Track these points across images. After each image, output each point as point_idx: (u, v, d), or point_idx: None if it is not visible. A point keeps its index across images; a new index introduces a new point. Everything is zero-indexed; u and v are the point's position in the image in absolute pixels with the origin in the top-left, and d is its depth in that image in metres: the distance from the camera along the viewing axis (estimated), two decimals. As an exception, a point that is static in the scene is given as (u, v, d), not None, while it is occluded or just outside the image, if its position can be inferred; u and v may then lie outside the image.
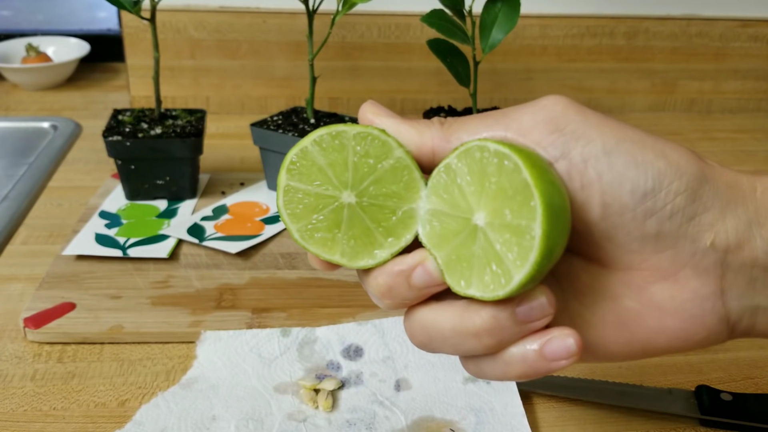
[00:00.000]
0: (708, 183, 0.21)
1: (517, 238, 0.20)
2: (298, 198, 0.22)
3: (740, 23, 0.78)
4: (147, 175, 0.55)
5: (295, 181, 0.22)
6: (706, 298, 0.21)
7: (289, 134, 0.55)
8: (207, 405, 0.36)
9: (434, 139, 0.23)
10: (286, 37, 0.73)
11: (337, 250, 0.22)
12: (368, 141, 0.22)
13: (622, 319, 0.22)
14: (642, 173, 0.21)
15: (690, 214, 0.21)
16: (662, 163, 0.21)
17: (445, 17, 0.52)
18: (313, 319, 0.43)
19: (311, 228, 0.22)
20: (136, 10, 0.51)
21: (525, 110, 0.22)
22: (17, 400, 0.37)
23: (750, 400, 0.36)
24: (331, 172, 0.22)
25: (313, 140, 0.22)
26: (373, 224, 0.22)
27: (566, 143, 0.21)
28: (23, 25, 0.90)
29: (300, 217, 0.22)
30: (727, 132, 0.78)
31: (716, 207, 0.21)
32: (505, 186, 0.20)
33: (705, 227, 0.21)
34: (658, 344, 0.22)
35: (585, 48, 0.77)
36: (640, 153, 0.21)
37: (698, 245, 0.21)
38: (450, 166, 0.22)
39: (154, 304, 0.44)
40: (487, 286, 0.20)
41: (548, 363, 0.21)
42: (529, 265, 0.20)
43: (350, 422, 0.35)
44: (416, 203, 0.22)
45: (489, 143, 0.21)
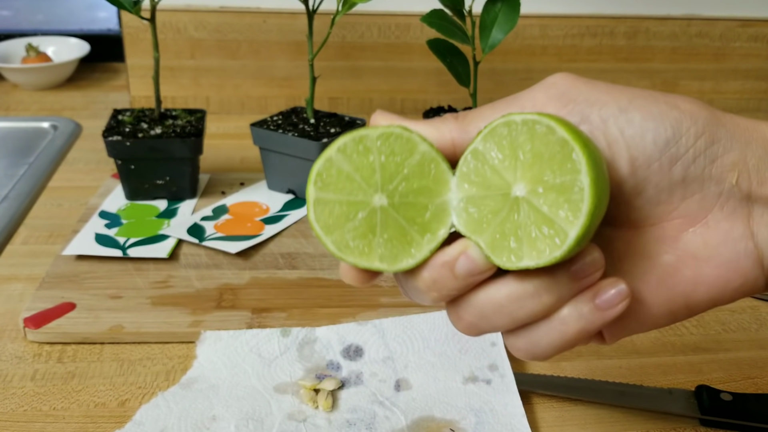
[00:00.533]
0: (723, 126, 0.22)
1: (565, 195, 0.20)
2: (329, 209, 0.22)
3: (740, 23, 0.78)
4: (147, 175, 0.55)
5: (324, 192, 0.22)
6: (738, 240, 0.22)
7: (289, 134, 0.55)
8: (207, 405, 0.36)
9: (452, 132, 0.23)
10: (286, 37, 0.73)
11: (376, 256, 0.22)
12: (392, 140, 0.22)
13: (661, 275, 0.23)
14: (660, 123, 0.22)
15: (712, 156, 0.22)
16: (676, 112, 0.22)
17: (445, 17, 0.52)
18: (313, 319, 0.43)
19: (346, 238, 0.22)
20: (136, 10, 0.51)
21: (535, 90, 0.23)
22: (17, 400, 0.37)
23: (750, 400, 0.36)
24: (359, 177, 0.22)
25: (336, 149, 0.22)
26: (407, 223, 0.22)
27: (582, 110, 0.22)
28: (23, 25, 0.90)
29: (333, 228, 0.22)
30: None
31: (736, 148, 0.22)
32: (541, 150, 0.20)
33: (728, 167, 0.22)
34: (699, 297, 0.23)
35: (585, 48, 0.77)
36: (654, 106, 0.22)
37: (723, 185, 0.22)
38: (477, 150, 0.22)
39: (154, 304, 0.44)
40: (542, 252, 0.20)
41: (603, 312, 0.21)
42: (583, 217, 0.20)
43: (350, 422, 0.35)
44: (447, 195, 0.22)
45: (514, 116, 0.21)
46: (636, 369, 0.40)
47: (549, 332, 0.22)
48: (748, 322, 0.45)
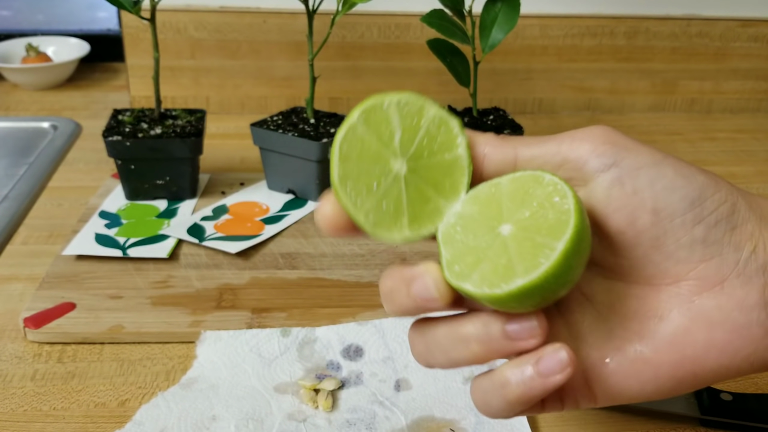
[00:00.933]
0: (743, 198, 0.23)
1: (534, 251, 0.21)
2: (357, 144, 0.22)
3: (740, 23, 0.78)
4: (147, 175, 0.55)
5: (365, 126, 0.22)
6: (752, 308, 0.22)
7: (289, 134, 0.55)
8: (207, 405, 0.36)
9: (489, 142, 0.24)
10: (286, 37, 0.73)
11: (363, 211, 0.22)
12: (443, 128, 0.23)
13: (672, 337, 0.23)
14: (689, 183, 0.22)
15: (732, 224, 0.23)
16: (704, 177, 0.23)
17: (445, 17, 0.52)
18: (313, 319, 0.43)
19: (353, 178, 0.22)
20: (136, 10, 0.51)
21: (576, 133, 0.24)
22: (17, 400, 0.37)
23: (750, 399, 0.36)
24: (399, 137, 0.23)
25: (398, 98, 0.23)
26: (407, 203, 0.23)
27: (618, 153, 0.23)
28: (23, 25, 0.90)
29: (348, 162, 0.22)
30: (727, 132, 0.78)
31: (753, 219, 0.23)
32: (546, 209, 0.21)
33: (746, 236, 0.23)
34: (708, 363, 0.23)
35: (585, 48, 0.77)
36: (685, 167, 0.23)
37: (741, 253, 0.22)
38: (499, 184, 0.23)
39: (154, 304, 0.44)
40: (483, 283, 0.21)
41: (545, 379, 0.22)
42: (537, 274, 0.20)
43: (350, 422, 0.35)
44: (452, 203, 0.23)
45: (546, 174, 0.22)
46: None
47: (494, 391, 0.23)
48: (748, 322, 0.45)
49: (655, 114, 0.82)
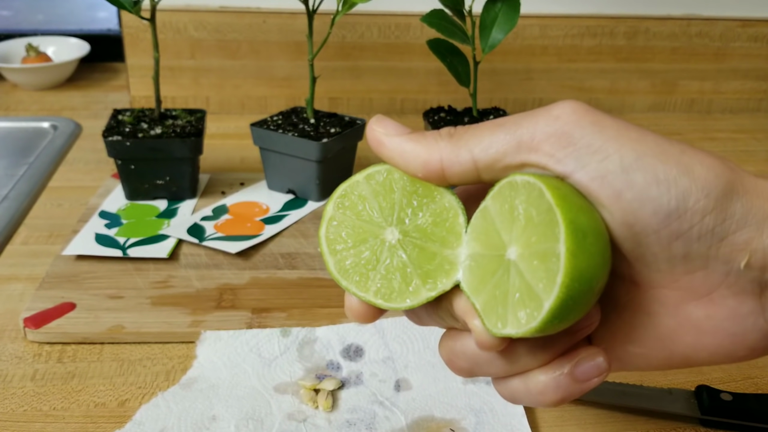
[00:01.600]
0: (741, 198, 0.19)
1: (544, 264, 0.19)
2: (341, 230, 0.22)
3: (740, 23, 0.78)
4: (147, 175, 0.55)
5: (342, 213, 0.22)
6: (746, 316, 0.20)
7: (289, 134, 0.55)
8: (207, 405, 0.36)
9: (443, 153, 0.22)
10: (286, 37, 0.73)
11: (372, 290, 0.22)
12: (418, 182, 0.22)
13: (660, 336, 0.22)
14: (665, 192, 0.19)
15: (721, 235, 0.19)
16: (686, 181, 0.19)
17: (445, 17, 0.52)
18: (313, 319, 0.43)
19: (350, 262, 0.22)
20: (136, 10, 0.51)
21: (537, 120, 0.20)
22: (17, 400, 0.37)
23: (750, 400, 0.36)
24: (378, 208, 0.22)
25: (366, 176, 0.23)
26: (412, 266, 0.22)
27: (581, 158, 0.19)
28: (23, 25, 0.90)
29: (339, 250, 0.22)
30: (727, 132, 0.78)
31: (752, 224, 0.19)
32: (532, 214, 0.20)
33: (739, 247, 0.19)
34: (700, 359, 0.22)
35: (585, 48, 0.77)
36: (663, 169, 0.19)
37: (731, 266, 0.20)
38: (486, 209, 0.22)
39: (154, 304, 0.44)
40: (521, 321, 0.20)
41: (581, 384, 0.21)
42: (557, 289, 0.18)
43: (350, 422, 0.35)
44: (458, 249, 0.22)
45: (517, 176, 0.21)
46: (636, 369, 0.40)
47: (529, 396, 0.22)
48: (748, 322, 0.45)
49: (655, 114, 0.82)
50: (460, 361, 0.23)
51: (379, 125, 0.23)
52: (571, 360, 0.21)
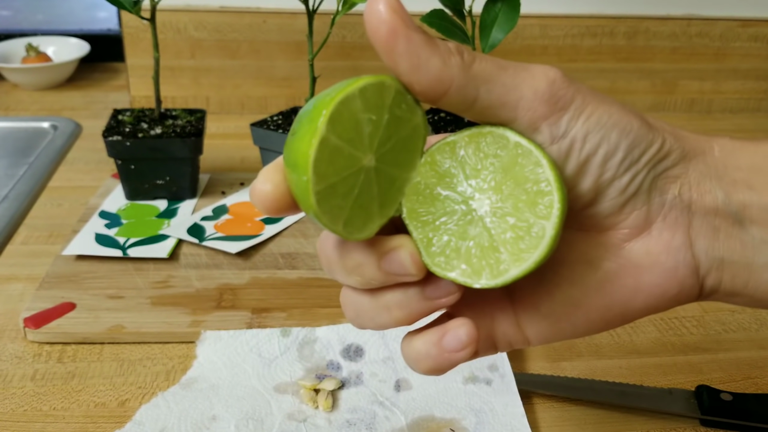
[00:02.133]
0: (677, 141, 0.23)
1: (522, 233, 0.20)
2: (329, 155, 0.19)
3: (740, 23, 0.78)
4: (147, 175, 0.55)
5: (334, 135, 0.19)
6: (678, 249, 0.23)
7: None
8: (207, 405, 0.36)
9: (455, 77, 0.20)
10: (286, 37, 0.73)
11: (341, 221, 0.20)
12: (403, 103, 0.20)
13: (601, 282, 0.23)
14: (631, 141, 0.22)
15: (662, 168, 0.23)
16: (645, 129, 0.22)
17: (445, 17, 0.52)
18: (313, 319, 0.43)
19: (329, 192, 0.20)
20: (136, 10, 0.51)
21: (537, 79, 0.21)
22: (17, 400, 0.37)
23: (750, 400, 0.36)
24: (367, 132, 0.20)
25: (360, 88, 0.19)
26: (378, 192, 0.21)
27: (570, 119, 0.21)
28: (23, 25, 0.90)
29: (324, 177, 0.20)
30: (727, 132, 0.78)
31: (681, 162, 0.23)
32: (521, 183, 0.20)
33: (672, 179, 0.23)
34: (635, 305, 0.23)
35: (585, 48, 0.77)
36: (627, 120, 0.22)
37: (666, 196, 0.23)
38: (454, 143, 0.21)
39: (154, 304, 0.44)
40: (477, 273, 0.20)
41: (450, 354, 0.22)
42: (529, 263, 0.20)
43: (350, 422, 0.35)
44: (410, 174, 0.21)
45: (509, 133, 0.21)
46: (636, 369, 0.40)
47: (411, 361, 0.23)
48: (749, 322, 0.45)
49: (655, 114, 0.82)
50: (348, 310, 0.24)
51: (393, 6, 0.19)
52: (440, 330, 0.22)
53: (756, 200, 0.22)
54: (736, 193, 0.23)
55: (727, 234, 0.23)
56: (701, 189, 0.23)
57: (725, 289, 0.23)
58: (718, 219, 0.23)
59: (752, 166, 0.23)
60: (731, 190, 0.23)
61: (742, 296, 0.24)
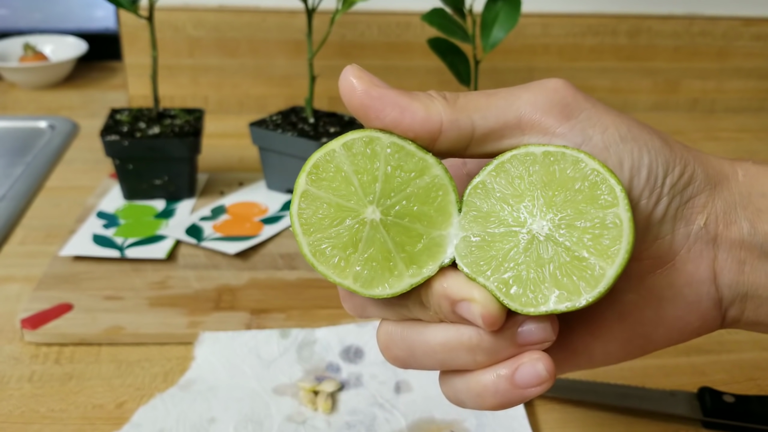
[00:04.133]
0: (701, 165, 0.22)
1: (599, 230, 0.19)
2: (315, 207, 0.20)
3: (743, 22, 0.78)
4: (145, 174, 0.54)
5: (316, 186, 0.20)
6: (701, 282, 0.22)
7: (288, 134, 0.54)
8: (205, 407, 0.36)
9: (443, 114, 0.20)
10: (285, 36, 0.73)
11: (350, 274, 0.20)
12: (404, 153, 0.20)
13: (622, 313, 0.22)
14: (654, 158, 0.21)
15: (687, 196, 0.21)
16: (668, 150, 0.21)
17: (446, 16, 0.52)
18: (312, 320, 0.43)
19: (326, 244, 0.20)
20: (134, 8, 0.51)
21: (535, 92, 0.21)
22: (14, 402, 0.36)
23: (752, 401, 0.36)
24: (358, 181, 0.20)
25: (342, 144, 0.20)
26: (395, 248, 0.20)
27: (585, 130, 0.20)
28: (20, 24, 0.90)
29: (314, 229, 0.20)
30: (730, 131, 0.78)
31: (707, 190, 0.22)
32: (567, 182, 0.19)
33: (698, 209, 0.22)
34: (656, 337, 0.22)
35: (587, 47, 0.77)
36: (649, 138, 0.21)
37: (692, 227, 0.21)
38: (483, 185, 0.20)
39: (152, 305, 0.43)
40: (575, 291, 0.19)
41: (521, 391, 0.20)
42: (623, 253, 0.18)
43: (350, 424, 0.35)
44: (448, 229, 0.20)
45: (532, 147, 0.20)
46: (638, 371, 0.40)
47: (469, 397, 0.21)
48: (751, 323, 0.44)
49: (657, 113, 0.82)
50: (397, 350, 0.22)
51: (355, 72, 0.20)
52: (512, 364, 0.20)
53: None
54: (761, 223, 0.22)
55: (753, 267, 0.22)
56: (727, 220, 0.22)
57: (747, 319, 0.23)
58: (744, 252, 0.22)
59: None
60: (756, 220, 0.22)
61: (764, 325, 0.23)
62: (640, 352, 0.23)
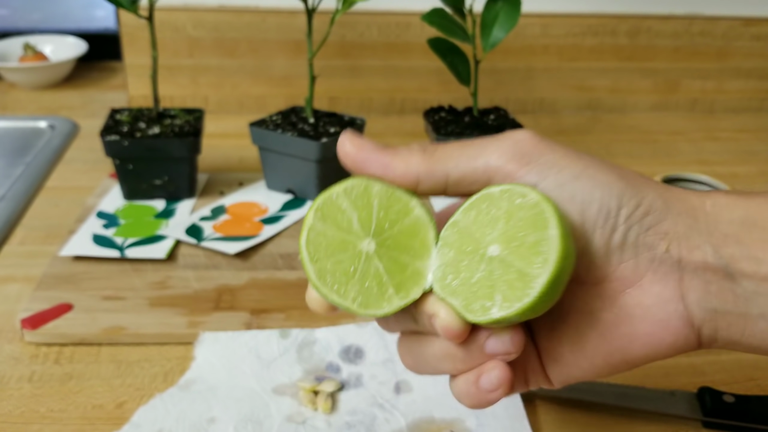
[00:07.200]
0: (661, 198, 0.24)
1: (534, 248, 0.22)
2: (321, 240, 0.24)
3: (743, 22, 0.78)
4: (145, 174, 0.54)
5: (321, 222, 0.24)
6: (669, 301, 0.24)
7: (288, 134, 0.54)
8: (205, 407, 0.36)
9: (419, 167, 0.25)
10: (285, 36, 0.73)
11: (350, 297, 0.24)
12: (394, 200, 0.24)
13: (601, 331, 0.25)
14: (606, 193, 0.24)
15: (647, 225, 0.24)
16: (622, 183, 0.24)
17: (446, 16, 0.52)
18: (312, 320, 0.43)
19: (329, 270, 0.24)
20: (134, 8, 0.51)
21: (501, 144, 0.25)
22: (14, 402, 0.36)
23: (752, 401, 0.36)
24: (357, 219, 0.24)
25: (344, 188, 0.24)
26: (387, 276, 0.24)
27: (541, 171, 0.24)
28: (20, 24, 0.90)
29: (319, 258, 0.24)
30: (729, 132, 0.78)
31: (669, 218, 0.24)
32: (516, 212, 0.23)
33: (660, 236, 0.24)
34: (635, 352, 0.24)
35: (587, 47, 0.77)
36: (604, 176, 0.24)
37: (656, 252, 0.24)
38: (456, 222, 0.24)
39: (152, 305, 0.43)
40: (516, 299, 0.22)
41: (487, 394, 0.24)
42: (551, 264, 0.21)
43: (350, 424, 0.35)
44: (428, 261, 0.24)
45: (492, 189, 0.23)
46: (638, 371, 0.40)
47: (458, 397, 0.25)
48: (751, 323, 0.44)
49: (657, 113, 0.82)
50: (407, 358, 0.27)
51: (351, 140, 0.25)
52: (477, 372, 0.24)
53: (745, 253, 0.23)
54: (725, 247, 0.23)
55: (719, 287, 0.23)
56: (690, 245, 0.23)
57: (723, 338, 0.24)
58: (709, 273, 0.23)
59: (744, 220, 0.23)
60: (720, 245, 0.23)
61: (740, 345, 0.24)
62: (624, 366, 0.25)
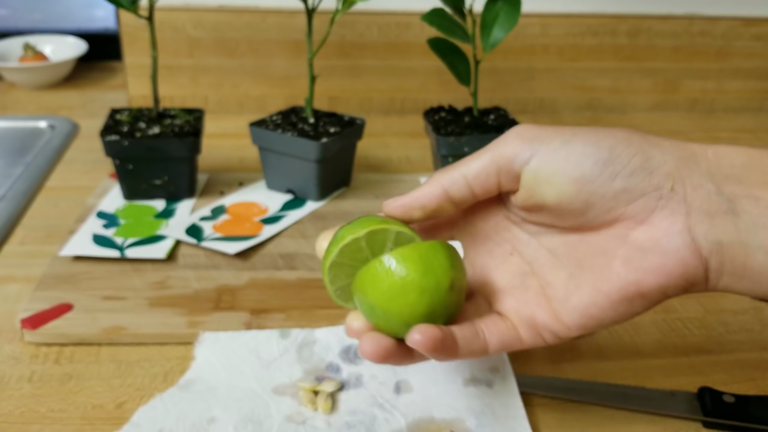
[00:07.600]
0: (657, 147, 0.27)
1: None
2: (340, 271, 0.31)
3: (743, 22, 0.78)
4: (145, 174, 0.54)
5: (341, 258, 0.30)
6: (677, 233, 0.26)
7: (288, 134, 0.54)
8: (205, 407, 0.36)
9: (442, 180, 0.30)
10: (285, 36, 0.73)
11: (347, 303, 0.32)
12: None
13: (616, 266, 0.27)
14: (597, 149, 0.27)
15: (649, 169, 0.27)
16: (612, 139, 0.27)
17: (446, 16, 0.52)
18: (312, 321, 0.43)
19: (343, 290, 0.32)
20: (134, 8, 0.51)
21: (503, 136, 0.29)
22: (14, 402, 0.36)
23: (753, 401, 0.36)
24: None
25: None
26: None
27: (533, 146, 0.28)
28: (20, 24, 0.90)
29: (337, 282, 0.31)
30: (729, 132, 0.78)
31: (670, 162, 0.27)
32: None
33: (664, 176, 0.26)
34: (648, 282, 0.27)
35: (586, 47, 0.77)
36: (593, 135, 0.27)
37: (662, 191, 0.26)
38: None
39: (152, 305, 0.43)
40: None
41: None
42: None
43: (350, 424, 0.35)
44: None
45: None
46: (638, 371, 0.40)
47: None
48: (751, 324, 0.44)
49: (657, 113, 0.82)
50: None
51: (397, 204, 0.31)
52: None
53: (746, 192, 0.25)
54: (726, 186, 0.26)
55: (722, 220, 0.26)
56: (693, 183, 0.26)
57: (727, 270, 0.26)
58: (713, 208, 0.26)
59: (744, 164, 0.26)
60: (722, 184, 0.26)
61: (742, 280, 0.26)
62: (639, 300, 0.27)
